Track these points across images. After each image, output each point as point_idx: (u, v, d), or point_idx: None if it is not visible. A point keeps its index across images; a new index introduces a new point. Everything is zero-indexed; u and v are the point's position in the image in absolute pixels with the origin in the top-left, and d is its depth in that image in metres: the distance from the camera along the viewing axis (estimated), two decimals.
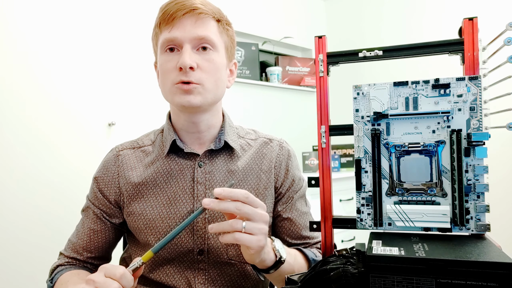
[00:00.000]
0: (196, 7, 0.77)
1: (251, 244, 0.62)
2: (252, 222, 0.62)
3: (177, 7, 0.77)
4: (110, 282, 0.57)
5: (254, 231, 0.62)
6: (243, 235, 0.61)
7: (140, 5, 2.08)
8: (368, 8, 3.01)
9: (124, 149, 0.89)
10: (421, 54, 0.58)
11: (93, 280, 0.58)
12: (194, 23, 0.78)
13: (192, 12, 0.77)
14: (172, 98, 0.79)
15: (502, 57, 0.56)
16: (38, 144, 1.75)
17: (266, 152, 0.90)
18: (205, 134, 0.86)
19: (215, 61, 0.80)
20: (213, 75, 0.80)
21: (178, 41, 0.77)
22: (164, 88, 0.82)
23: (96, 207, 0.87)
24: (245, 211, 0.62)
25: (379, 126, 0.56)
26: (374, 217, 0.56)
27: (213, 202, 0.61)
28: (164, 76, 0.80)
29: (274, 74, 2.81)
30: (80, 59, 1.87)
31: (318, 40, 0.62)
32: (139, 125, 2.05)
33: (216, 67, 0.80)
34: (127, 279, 0.59)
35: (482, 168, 0.51)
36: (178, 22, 0.77)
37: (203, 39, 0.78)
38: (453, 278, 0.42)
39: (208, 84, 0.79)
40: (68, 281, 0.78)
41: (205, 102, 0.79)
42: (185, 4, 0.77)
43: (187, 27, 0.77)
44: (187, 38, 0.77)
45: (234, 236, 0.61)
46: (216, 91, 0.82)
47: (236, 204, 0.61)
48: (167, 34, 0.78)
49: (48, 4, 1.77)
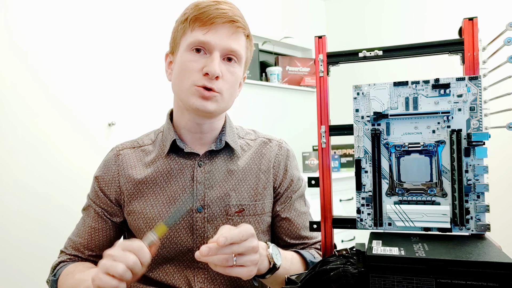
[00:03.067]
0: (237, 19, 0.79)
1: (242, 276, 0.62)
2: (243, 255, 0.62)
3: (218, 13, 0.77)
4: (128, 255, 0.59)
5: (246, 264, 0.62)
6: (234, 268, 0.61)
7: (140, 5, 2.08)
8: (368, 8, 3.01)
9: (124, 148, 0.89)
10: (421, 54, 0.58)
11: (111, 254, 0.60)
12: (230, 34, 0.79)
13: (232, 24, 0.79)
14: (188, 98, 0.79)
15: (502, 57, 0.56)
16: (38, 144, 1.75)
17: (265, 152, 0.90)
18: (207, 135, 0.86)
19: (236, 73, 0.82)
20: (232, 86, 0.81)
21: (210, 46, 0.78)
22: (180, 85, 0.81)
23: (97, 206, 0.87)
24: (239, 251, 0.61)
25: (379, 126, 0.56)
26: (374, 217, 0.56)
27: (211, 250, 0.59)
28: (185, 75, 0.79)
29: (274, 74, 2.81)
30: (80, 59, 1.87)
31: (318, 40, 0.62)
32: (139, 125, 2.05)
33: (235, 79, 0.82)
34: (144, 253, 0.60)
35: (482, 168, 0.51)
36: (215, 27, 0.78)
37: (233, 52, 0.80)
38: (453, 278, 0.42)
39: (226, 94, 0.80)
40: (74, 270, 0.79)
41: (218, 110, 0.81)
42: (227, 13, 0.78)
43: (223, 36, 0.78)
44: (220, 47, 0.78)
45: (225, 270, 0.61)
46: (229, 101, 0.83)
47: (232, 249, 0.61)
48: (200, 35, 0.78)
49: (48, 4, 1.77)
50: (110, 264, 0.58)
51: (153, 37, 2.09)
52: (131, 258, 0.59)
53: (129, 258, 0.58)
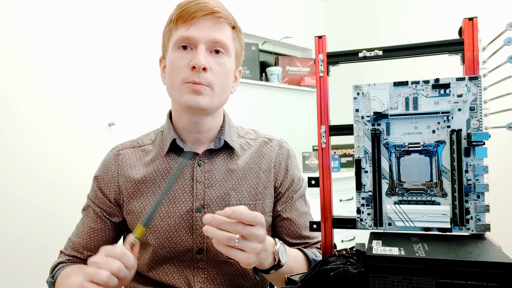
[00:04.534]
0: (217, 10, 0.79)
1: (240, 260, 0.62)
2: (247, 240, 0.62)
3: (198, 7, 0.78)
4: (111, 261, 0.59)
5: (247, 249, 0.62)
6: (234, 250, 0.61)
7: (140, 5, 2.08)
8: (368, 8, 3.01)
9: (124, 148, 0.90)
10: (421, 54, 0.58)
11: (95, 261, 0.60)
12: (213, 26, 0.79)
13: (212, 15, 0.79)
14: (180, 96, 0.79)
15: (502, 57, 0.56)
16: (38, 144, 1.75)
17: (266, 151, 0.90)
18: (205, 134, 0.86)
19: (226, 65, 0.81)
20: (222, 78, 0.81)
21: (194, 40, 0.78)
22: (172, 85, 0.81)
23: (96, 206, 0.87)
24: (243, 232, 0.61)
25: (379, 126, 0.56)
26: (374, 217, 0.56)
27: (216, 219, 0.60)
28: (174, 73, 0.80)
29: (274, 74, 2.81)
30: (81, 59, 1.87)
31: (318, 40, 0.62)
32: (139, 125, 2.05)
33: (225, 71, 0.81)
34: (127, 257, 0.60)
35: (482, 168, 0.51)
36: (196, 22, 0.78)
37: (218, 43, 0.80)
38: (453, 278, 0.42)
39: (216, 87, 0.80)
40: (70, 274, 0.79)
41: (212, 105, 0.80)
42: (207, 6, 0.78)
43: (205, 29, 0.78)
44: (204, 39, 0.78)
45: (226, 249, 0.61)
46: (222, 95, 0.83)
47: (236, 227, 0.61)
48: (183, 32, 0.79)
49: (48, 4, 1.77)
50: (94, 272, 0.58)
51: (153, 37, 2.09)
52: (114, 264, 0.59)
53: (113, 264, 0.58)
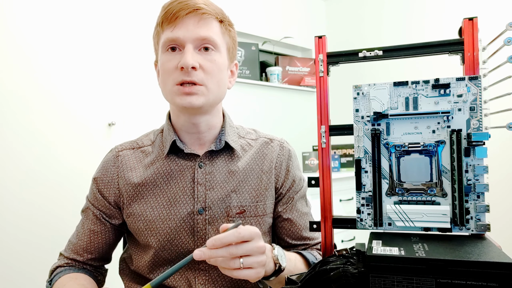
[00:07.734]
0: (199, 7, 0.77)
1: (250, 278, 0.61)
2: (250, 257, 0.61)
3: (180, 6, 0.76)
4: None
5: (253, 265, 0.61)
6: (241, 271, 0.60)
7: (140, 5, 2.08)
8: (368, 8, 3.01)
9: (123, 149, 0.88)
10: (421, 54, 0.58)
11: None
12: (197, 23, 0.77)
13: (195, 12, 0.77)
14: (173, 98, 0.79)
15: (502, 57, 0.56)
16: (38, 144, 1.74)
17: (267, 152, 0.90)
18: (205, 135, 0.85)
19: (217, 61, 0.80)
20: (215, 75, 0.79)
21: (180, 40, 0.77)
22: (164, 88, 0.81)
23: (95, 208, 0.86)
24: (240, 252, 0.60)
25: (379, 126, 0.56)
26: (374, 217, 0.56)
27: (205, 253, 0.58)
28: (165, 76, 0.79)
29: (274, 74, 2.80)
30: (80, 59, 1.87)
31: (318, 40, 0.61)
32: (139, 125, 2.05)
33: (218, 68, 0.80)
34: None
35: (482, 168, 0.51)
36: (180, 21, 0.77)
37: (205, 40, 0.78)
38: (453, 278, 0.42)
39: (210, 85, 0.78)
40: (65, 285, 0.78)
41: (207, 103, 0.79)
42: (188, 3, 0.76)
43: (190, 27, 0.77)
44: (190, 38, 0.77)
45: (232, 273, 0.60)
46: (218, 92, 0.81)
47: (229, 250, 0.59)
48: (169, 34, 0.77)
49: (48, 4, 1.77)
50: None
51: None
52: None
53: None
